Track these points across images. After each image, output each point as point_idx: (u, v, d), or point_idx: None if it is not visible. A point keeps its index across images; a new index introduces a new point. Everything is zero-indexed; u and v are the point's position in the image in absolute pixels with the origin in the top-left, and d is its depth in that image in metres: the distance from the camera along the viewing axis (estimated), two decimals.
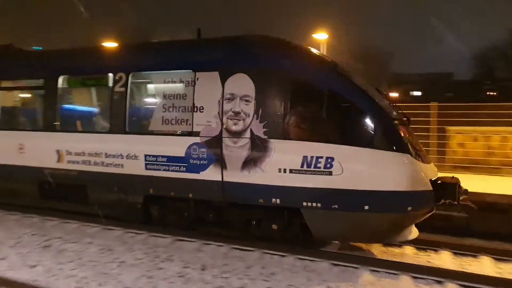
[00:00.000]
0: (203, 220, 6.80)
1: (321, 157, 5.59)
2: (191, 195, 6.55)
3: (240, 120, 6.07)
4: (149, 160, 6.76)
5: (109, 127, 7.28)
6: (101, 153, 7.19)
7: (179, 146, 6.50)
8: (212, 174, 6.26)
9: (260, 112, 5.97)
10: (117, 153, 7.04)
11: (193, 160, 6.39)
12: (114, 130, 7.15)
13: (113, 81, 7.21)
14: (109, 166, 7.13)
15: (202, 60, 6.64)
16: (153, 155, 6.71)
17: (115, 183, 7.12)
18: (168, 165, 6.59)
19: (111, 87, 7.25)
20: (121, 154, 7.00)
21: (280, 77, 6.03)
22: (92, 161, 7.28)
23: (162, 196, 6.85)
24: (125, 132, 7.05)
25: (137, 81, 7.30)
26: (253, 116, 5.99)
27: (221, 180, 6.23)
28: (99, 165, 7.22)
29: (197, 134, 6.37)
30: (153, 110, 7.10)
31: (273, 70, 6.09)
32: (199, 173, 6.36)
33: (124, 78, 7.08)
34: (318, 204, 5.72)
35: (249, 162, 5.99)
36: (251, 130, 5.99)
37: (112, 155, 7.09)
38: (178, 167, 6.50)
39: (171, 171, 6.56)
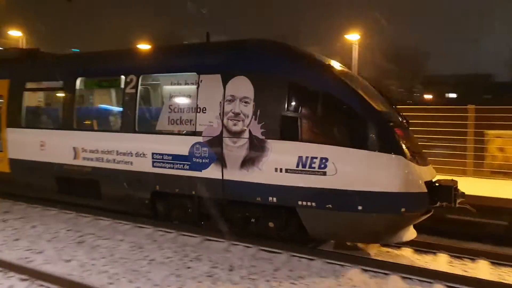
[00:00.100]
0: (207, 216, 7.00)
1: (316, 158, 5.72)
2: (194, 192, 6.81)
3: (239, 120, 6.28)
4: (156, 158, 7.08)
5: (120, 127, 7.68)
6: (113, 150, 7.59)
7: (183, 145, 6.77)
8: (213, 172, 6.51)
9: (258, 113, 6.16)
10: (127, 151, 7.41)
11: (195, 159, 6.65)
12: (125, 129, 7.53)
13: (124, 83, 7.59)
14: (120, 163, 7.52)
15: (206, 63, 6.89)
16: (159, 153, 7.04)
17: (125, 180, 7.50)
18: (173, 163, 6.89)
19: (122, 88, 7.62)
20: (130, 152, 7.37)
21: (277, 79, 6.20)
22: (105, 158, 7.70)
23: (168, 192, 7.15)
24: (134, 131, 7.40)
25: (146, 83, 7.70)
26: (252, 117, 6.19)
27: (221, 178, 6.45)
28: (111, 162, 7.63)
29: (199, 134, 6.63)
30: (160, 110, 7.39)
31: (271, 73, 6.29)
32: (201, 171, 6.62)
33: (134, 80, 7.44)
34: (313, 204, 5.84)
35: (248, 161, 6.19)
36: (249, 131, 6.19)
37: (122, 153, 7.47)
38: (182, 165, 6.79)
39: (176, 169, 6.86)
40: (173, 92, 7.17)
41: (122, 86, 7.62)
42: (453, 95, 44.55)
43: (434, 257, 6.42)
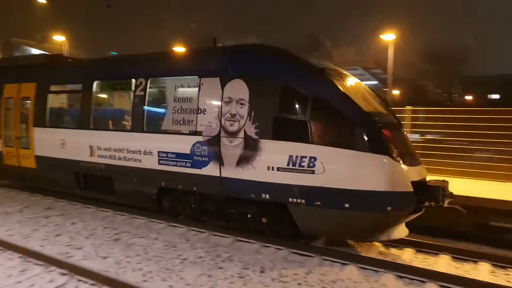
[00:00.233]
0: (208, 211, 7.43)
1: (305, 157, 6.00)
2: (195, 188, 7.28)
3: (235, 121, 6.64)
4: (161, 156, 7.59)
5: (131, 126, 8.19)
6: (124, 149, 8.14)
7: (185, 144, 7.21)
8: (212, 170, 6.91)
9: (253, 114, 6.50)
10: (136, 149, 7.95)
11: (196, 157, 7.09)
12: (135, 129, 8.05)
13: (135, 86, 8.13)
14: (130, 160, 8.08)
15: (206, 67, 7.29)
16: (164, 152, 7.53)
17: (134, 176, 8.05)
18: (176, 161, 7.37)
19: (133, 90, 8.15)
20: (139, 150, 7.90)
21: (269, 82, 6.51)
22: (117, 156, 8.28)
23: (172, 188, 7.62)
24: (143, 131, 7.90)
25: (154, 86, 8.18)
26: (247, 118, 6.54)
27: (219, 175, 6.85)
28: (122, 160, 8.19)
29: (200, 133, 7.05)
30: (166, 111, 7.81)
31: (264, 76, 6.60)
32: (201, 169, 7.05)
33: (143, 83, 7.99)
34: (303, 201, 6.13)
35: (243, 160, 6.56)
36: (244, 131, 6.55)
37: (132, 151, 8.01)
38: (185, 163, 7.25)
39: (179, 166, 7.33)
40: (177, 94, 7.58)
41: (133, 88, 8.15)
42: (496, 96, 42.54)
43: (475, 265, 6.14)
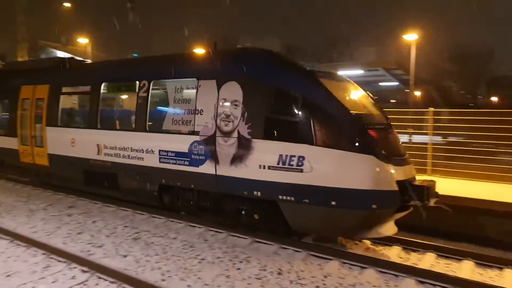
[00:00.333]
0: (206, 208, 7.70)
1: (294, 156, 6.23)
2: (193, 186, 7.57)
3: (230, 121, 6.90)
4: (162, 155, 7.90)
5: (134, 126, 8.51)
6: (128, 147, 8.48)
7: (184, 143, 7.50)
8: (208, 168, 7.18)
9: (246, 115, 6.74)
10: (139, 148, 8.28)
11: (194, 156, 7.38)
12: (138, 128, 8.38)
13: (138, 87, 8.45)
14: (133, 158, 8.42)
15: (204, 70, 7.61)
16: (165, 150, 7.84)
17: (137, 174, 8.39)
18: (175, 159, 7.65)
19: (137, 92, 8.46)
20: (142, 149, 8.23)
21: (261, 84, 6.77)
22: (122, 154, 8.63)
23: (172, 185, 7.90)
24: (145, 131, 8.23)
25: (156, 88, 8.45)
26: (240, 119, 6.78)
27: (214, 173, 7.10)
28: (126, 158, 8.55)
29: (197, 133, 7.32)
30: (166, 112, 8.13)
31: (256, 79, 6.84)
32: (198, 167, 7.33)
33: (146, 85, 8.32)
34: (292, 198, 6.35)
35: (236, 159, 6.81)
36: (238, 131, 6.79)
37: (135, 149, 8.36)
38: (183, 161, 7.54)
39: (178, 164, 7.62)
40: (177, 96, 7.88)
41: (137, 90, 8.47)
42: None
43: None
